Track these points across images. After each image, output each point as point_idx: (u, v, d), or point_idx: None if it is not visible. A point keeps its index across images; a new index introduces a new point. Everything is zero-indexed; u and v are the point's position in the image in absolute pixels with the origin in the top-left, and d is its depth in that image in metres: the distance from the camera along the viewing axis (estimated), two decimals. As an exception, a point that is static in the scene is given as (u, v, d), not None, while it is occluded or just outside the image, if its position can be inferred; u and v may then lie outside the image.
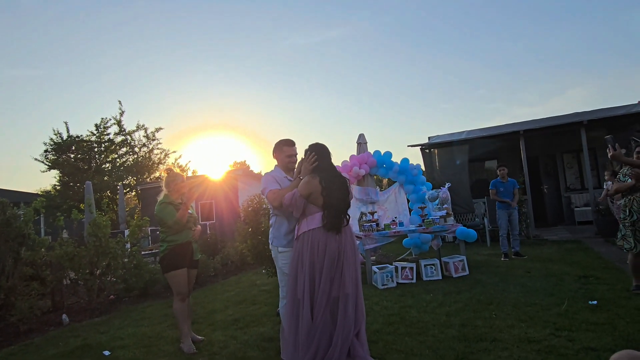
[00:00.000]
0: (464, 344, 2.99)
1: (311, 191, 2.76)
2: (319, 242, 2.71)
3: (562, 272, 5.11)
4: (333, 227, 2.72)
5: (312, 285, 2.67)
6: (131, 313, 5.13)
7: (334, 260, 2.69)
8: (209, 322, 4.30)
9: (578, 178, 11.01)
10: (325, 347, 2.62)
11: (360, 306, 2.81)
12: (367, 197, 7.55)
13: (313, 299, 2.65)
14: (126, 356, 3.42)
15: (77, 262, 5.38)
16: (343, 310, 2.66)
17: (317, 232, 2.73)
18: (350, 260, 2.77)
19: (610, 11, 34.71)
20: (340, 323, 2.64)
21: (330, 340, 2.63)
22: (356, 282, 2.80)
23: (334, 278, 2.68)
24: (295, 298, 2.72)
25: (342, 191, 2.83)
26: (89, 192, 8.18)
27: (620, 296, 3.87)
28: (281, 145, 3.16)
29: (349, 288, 2.70)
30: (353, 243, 2.86)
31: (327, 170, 2.84)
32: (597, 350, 2.67)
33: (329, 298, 2.65)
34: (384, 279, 5.26)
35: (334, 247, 2.71)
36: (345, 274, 2.70)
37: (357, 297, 2.78)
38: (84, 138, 18.16)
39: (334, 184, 2.78)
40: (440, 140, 11.06)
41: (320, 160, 2.85)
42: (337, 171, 2.95)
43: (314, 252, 2.70)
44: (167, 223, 3.51)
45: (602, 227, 8.09)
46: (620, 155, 3.21)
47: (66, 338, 4.17)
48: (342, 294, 2.67)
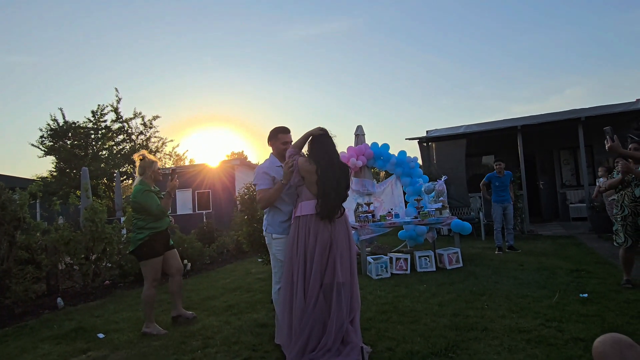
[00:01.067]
0: (455, 332, 3.02)
1: (307, 174, 2.78)
2: (311, 230, 2.72)
3: (555, 266, 5.16)
4: (326, 217, 2.73)
5: (305, 271, 2.69)
6: (126, 298, 5.15)
7: (325, 247, 2.70)
8: (204, 308, 4.32)
9: (574, 175, 11.07)
10: (318, 334, 2.64)
11: (355, 294, 2.82)
12: (364, 189, 7.57)
13: (306, 284, 2.67)
14: (120, 339, 3.44)
15: (73, 247, 5.39)
16: (337, 298, 2.69)
17: (310, 219, 2.74)
18: (343, 249, 2.77)
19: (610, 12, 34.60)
20: (334, 311, 2.66)
21: (324, 328, 2.65)
22: (351, 272, 2.81)
23: (326, 265, 2.70)
24: (288, 282, 2.74)
25: (339, 181, 2.80)
26: (86, 177, 8.15)
27: (611, 290, 3.92)
28: (276, 133, 3.14)
29: (342, 277, 2.71)
30: (347, 233, 2.86)
31: (325, 159, 2.80)
32: (586, 340, 2.70)
33: (321, 284, 2.67)
34: (378, 270, 5.29)
35: (326, 236, 2.72)
36: (338, 263, 2.71)
37: (352, 286, 2.80)
38: (80, 125, 18.04)
39: (329, 174, 2.76)
40: (438, 134, 11.08)
41: (320, 149, 2.83)
42: (336, 160, 2.88)
43: (307, 239, 2.72)
44: (152, 211, 3.52)
45: (596, 224, 8.16)
46: (619, 147, 3.19)
47: (61, 321, 4.18)
48: (336, 283, 2.69)
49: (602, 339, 1.25)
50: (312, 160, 2.81)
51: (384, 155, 7.54)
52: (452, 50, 46.21)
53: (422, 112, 52.06)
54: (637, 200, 3.89)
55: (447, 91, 50.47)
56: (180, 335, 3.41)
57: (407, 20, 45.52)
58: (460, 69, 46.75)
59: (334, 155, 2.88)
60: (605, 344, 1.22)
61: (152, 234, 3.54)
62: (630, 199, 3.93)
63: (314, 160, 2.80)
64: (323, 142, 2.88)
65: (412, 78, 49.61)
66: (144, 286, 3.57)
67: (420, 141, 10.77)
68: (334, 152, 2.89)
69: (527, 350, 2.62)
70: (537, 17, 41.45)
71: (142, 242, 3.51)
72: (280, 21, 47.36)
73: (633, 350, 1.16)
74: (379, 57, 49.23)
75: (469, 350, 2.69)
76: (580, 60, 41.91)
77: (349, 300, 2.76)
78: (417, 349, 2.74)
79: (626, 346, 1.18)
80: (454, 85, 47.95)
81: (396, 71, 49.06)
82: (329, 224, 2.74)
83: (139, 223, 3.57)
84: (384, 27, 44.83)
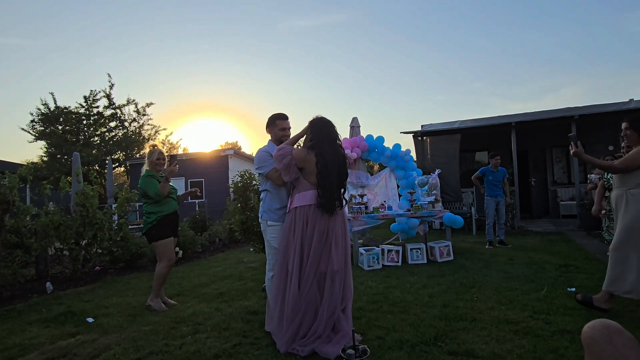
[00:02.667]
0: (445, 322, 3.05)
1: (305, 165, 2.75)
2: (309, 219, 2.71)
3: (544, 261, 5.22)
4: (326, 208, 2.70)
5: (301, 259, 2.69)
6: (116, 284, 5.13)
7: (323, 236, 2.70)
8: (194, 295, 4.32)
9: (565, 172, 11.18)
10: (310, 321, 2.65)
11: (348, 282, 2.84)
12: (358, 181, 7.58)
13: (301, 273, 2.67)
14: (110, 323, 3.42)
15: (63, 232, 5.33)
16: (330, 286, 2.69)
17: (309, 209, 2.72)
18: (339, 239, 2.78)
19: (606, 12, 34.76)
20: (326, 298, 2.67)
21: (315, 315, 2.66)
22: (345, 260, 2.82)
23: (322, 254, 2.70)
24: (283, 271, 2.74)
25: (339, 173, 2.78)
26: (77, 162, 8.05)
27: (598, 285, 3.94)
28: (274, 119, 3.14)
29: (336, 265, 2.72)
30: (344, 224, 2.87)
31: (325, 149, 2.74)
32: (572, 332, 2.75)
33: (316, 273, 2.68)
34: (370, 261, 5.32)
35: (324, 225, 2.71)
36: (333, 252, 2.71)
37: (345, 274, 2.81)
38: (72, 110, 17.79)
39: (330, 166, 2.72)
40: (433, 128, 11.10)
41: (320, 138, 2.77)
42: (337, 150, 2.81)
43: (304, 228, 2.71)
44: (150, 194, 3.77)
45: (585, 221, 8.27)
46: (582, 153, 3.34)
47: (49, 305, 4.16)
48: (330, 270, 2.70)
49: (591, 324, 1.26)
50: (313, 149, 2.76)
51: (378, 147, 7.54)
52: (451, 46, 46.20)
53: (418, 106, 52.16)
54: None
55: (444, 87, 50.56)
56: (170, 320, 3.40)
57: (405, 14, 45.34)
58: (459, 65, 46.81)
59: (337, 145, 2.82)
60: (595, 329, 1.23)
61: (161, 217, 3.80)
62: None
63: (316, 148, 2.74)
64: (326, 131, 2.81)
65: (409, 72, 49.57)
66: (160, 264, 3.85)
67: (415, 135, 10.78)
68: (337, 140, 2.83)
69: (514, 341, 2.66)
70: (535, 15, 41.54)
71: (151, 225, 3.78)
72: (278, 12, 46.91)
73: (622, 335, 1.17)
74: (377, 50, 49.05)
75: (458, 340, 2.72)
76: (577, 59, 42.19)
77: (342, 287, 2.76)
78: (406, 338, 2.76)
79: (615, 331, 1.19)
80: (452, 81, 48.04)
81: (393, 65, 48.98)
82: (327, 214, 2.72)
83: (148, 208, 3.83)
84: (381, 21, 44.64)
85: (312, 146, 2.77)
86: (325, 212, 2.71)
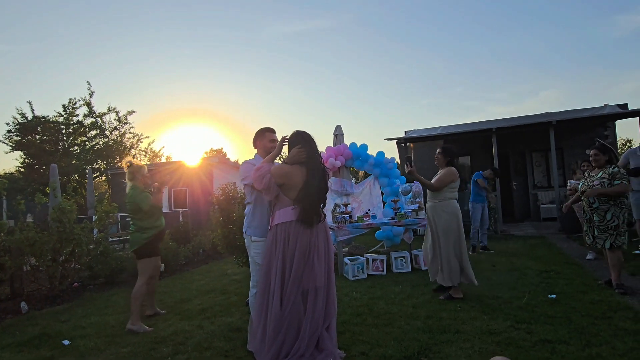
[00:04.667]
0: (428, 335, 3.05)
1: (286, 181, 2.73)
2: (290, 236, 2.68)
3: (525, 267, 5.30)
4: (307, 222, 2.69)
5: (283, 277, 2.65)
6: (95, 301, 4.98)
7: (305, 253, 2.67)
8: (177, 311, 4.22)
9: (545, 176, 11.42)
10: (292, 340, 2.61)
11: (331, 300, 2.80)
12: (342, 189, 7.57)
13: (283, 291, 2.64)
14: (87, 345, 3.31)
15: (39, 248, 5.15)
16: (313, 303, 2.66)
17: (290, 225, 2.70)
18: (322, 254, 2.75)
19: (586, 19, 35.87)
20: (309, 316, 2.63)
21: (298, 333, 2.62)
22: (328, 276, 2.79)
23: (304, 271, 2.67)
24: (266, 289, 2.69)
25: (322, 186, 2.81)
26: (54, 175, 7.86)
27: (578, 290, 4.05)
28: (264, 132, 3.14)
29: (320, 281, 2.69)
30: (327, 237, 2.84)
31: (313, 162, 2.78)
32: (553, 342, 2.78)
33: (298, 290, 2.64)
34: (354, 271, 5.31)
35: (305, 241, 2.68)
36: (317, 268, 2.69)
37: (329, 290, 2.78)
38: (50, 119, 17.37)
39: (316, 178, 2.76)
40: (416, 134, 11.21)
41: (311, 151, 2.80)
42: (320, 163, 2.86)
43: (286, 245, 2.68)
44: (143, 208, 3.69)
45: (565, 224, 8.43)
46: (415, 173, 4.04)
47: (23, 327, 4.00)
48: (312, 287, 2.67)
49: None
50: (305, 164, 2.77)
51: (362, 155, 7.57)
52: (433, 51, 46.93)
53: (402, 111, 52.71)
54: (591, 206, 4.07)
55: (428, 91, 51.26)
56: (150, 341, 3.31)
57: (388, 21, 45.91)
58: (441, 70, 47.57)
59: (321, 158, 2.88)
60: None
61: (156, 232, 3.83)
62: (587, 204, 4.12)
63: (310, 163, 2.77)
64: (314, 144, 2.84)
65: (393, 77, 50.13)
66: (139, 282, 3.73)
67: (399, 142, 10.87)
68: (318, 153, 2.87)
69: (497, 353, 2.66)
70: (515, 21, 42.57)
71: (147, 240, 3.74)
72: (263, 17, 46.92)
73: None
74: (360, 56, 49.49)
75: (441, 353, 2.72)
76: (555, 64, 43.38)
77: (325, 304, 2.73)
78: (390, 353, 2.75)
79: None
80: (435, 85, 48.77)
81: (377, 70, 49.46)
82: (309, 229, 2.71)
83: (143, 223, 3.76)
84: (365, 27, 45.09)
85: (307, 161, 2.77)
86: (306, 226, 2.69)
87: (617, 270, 3.98)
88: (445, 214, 4.02)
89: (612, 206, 3.94)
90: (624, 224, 3.93)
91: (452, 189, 4.13)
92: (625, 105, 10.07)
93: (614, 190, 3.89)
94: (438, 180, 4.09)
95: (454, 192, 4.15)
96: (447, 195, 4.09)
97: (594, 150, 4.14)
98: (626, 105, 10.07)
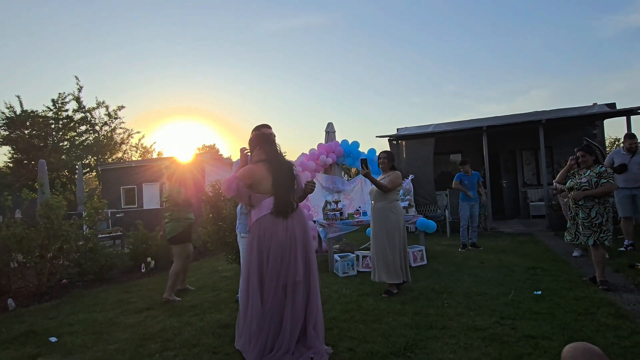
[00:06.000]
0: (415, 331, 3.09)
1: (253, 179, 2.75)
2: (266, 230, 2.69)
3: (513, 264, 5.37)
4: (281, 213, 2.71)
5: (261, 273, 2.66)
6: (84, 298, 4.96)
7: (283, 247, 2.67)
8: (165, 308, 4.22)
9: (535, 174, 11.54)
10: (275, 334, 2.63)
11: (313, 294, 2.79)
12: (334, 186, 7.60)
13: (263, 287, 2.65)
14: (74, 342, 3.30)
15: (26, 245, 5.11)
16: (292, 297, 2.66)
17: (265, 219, 2.72)
18: (299, 247, 2.74)
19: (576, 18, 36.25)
20: (288, 310, 2.64)
21: (280, 327, 2.64)
22: (309, 270, 2.79)
23: (281, 266, 2.66)
24: (246, 287, 2.70)
25: (289, 176, 2.85)
26: (43, 171, 7.77)
27: (563, 287, 4.12)
28: (261, 128, 3.08)
29: (300, 275, 2.69)
30: (304, 230, 2.83)
31: (272, 157, 2.83)
32: (536, 338, 2.83)
33: (277, 285, 2.64)
34: (344, 267, 5.33)
35: (282, 234, 2.69)
36: (292, 262, 2.69)
37: (310, 285, 2.78)
38: (39, 114, 17.13)
39: (281, 170, 2.79)
40: (407, 132, 11.25)
41: (265, 148, 2.86)
42: (282, 157, 2.95)
43: (262, 240, 2.69)
44: (178, 202, 4.52)
45: (553, 222, 8.55)
46: (370, 175, 4.21)
47: (10, 324, 3.97)
48: (291, 282, 2.67)
49: (574, 346, 1.28)
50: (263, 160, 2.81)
51: (353, 152, 7.59)
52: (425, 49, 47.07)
53: (394, 109, 52.81)
54: (577, 203, 4.16)
55: (419, 89, 51.42)
56: (138, 337, 3.31)
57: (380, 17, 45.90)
58: (433, 68, 47.72)
59: (278, 152, 2.95)
60: (577, 350, 1.25)
61: (189, 224, 4.62)
62: (572, 200, 4.20)
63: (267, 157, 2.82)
64: (268, 138, 2.91)
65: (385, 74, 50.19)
66: (175, 264, 4.51)
67: (390, 139, 10.90)
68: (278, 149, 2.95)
69: (481, 349, 2.71)
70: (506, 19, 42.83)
71: (182, 230, 4.51)
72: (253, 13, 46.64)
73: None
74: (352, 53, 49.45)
75: (427, 349, 2.75)
76: (546, 63, 43.77)
77: (306, 298, 2.73)
78: (377, 349, 2.78)
79: (596, 356, 1.21)
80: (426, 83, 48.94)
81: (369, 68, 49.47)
82: (284, 222, 2.72)
83: (179, 215, 4.56)
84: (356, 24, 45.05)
85: (267, 157, 2.82)
86: (280, 217, 2.71)
87: (601, 267, 4.05)
88: (394, 215, 4.23)
89: (597, 204, 4.01)
90: (607, 222, 4.00)
91: (398, 191, 4.41)
92: (614, 104, 10.20)
93: (601, 190, 3.97)
94: (390, 182, 4.25)
95: (399, 194, 4.46)
96: (395, 197, 4.32)
97: (580, 152, 4.20)
98: (614, 104, 10.20)
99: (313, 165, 7.17)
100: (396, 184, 4.29)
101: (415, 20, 44.81)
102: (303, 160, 7.14)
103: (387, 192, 4.26)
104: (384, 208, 4.26)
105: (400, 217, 4.27)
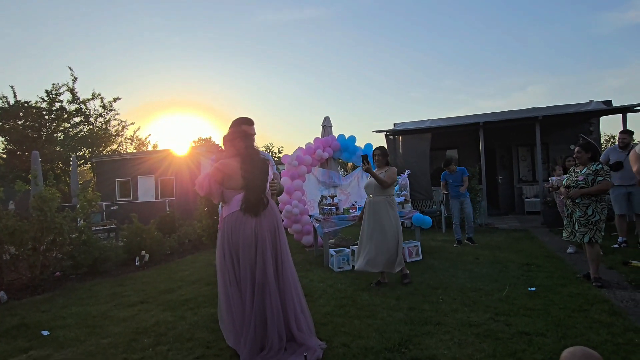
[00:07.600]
0: (410, 327, 3.09)
1: (224, 173, 2.70)
2: (233, 226, 2.65)
3: (508, 260, 5.39)
4: (250, 210, 2.65)
5: (234, 270, 2.63)
6: (77, 291, 4.92)
7: (250, 244, 2.62)
8: (159, 302, 4.19)
9: (530, 170, 11.57)
10: (262, 334, 2.62)
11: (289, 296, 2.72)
12: (330, 181, 7.57)
13: (239, 285, 2.62)
14: (67, 336, 3.27)
15: (19, 237, 5.05)
16: (268, 297, 2.62)
17: (233, 216, 2.67)
18: (268, 246, 2.67)
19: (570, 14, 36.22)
20: (268, 311, 2.61)
21: (265, 326, 2.62)
22: (282, 270, 2.72)
23: (254, 263, 2.62)
24: (225, 288, 2.68)
25: (261, 171, 2.76)
26: (36, 162, 7.68)
27: (557, 283, 4.14)
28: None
29: (271, 276, 2.63)
30: (275, 228, 2.76)
31: (243, 150, 2.75)
32: (530, 334, 2.84)
33: (253, 284, 2.61)
34: (340, 262, 5.33)
35: (249, 232, 2.63)
36: (267, 263, 2.63)
37: (284, 287, 2.71)
38: (33, 104, 16.91)
39: (252, 164, 2.71)
40: (404, 127, 11.22)
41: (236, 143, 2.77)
42: (256, 152, 2.82)
43: (231, 238, 2.65)
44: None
45: (548, 218, 8.59)
46: (371, 170, 4.36)
47: (2, 317, 3.93)
48: (260, 282, 2.61)
49: (572, 351, 1.27)
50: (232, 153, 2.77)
51: (350, 147, 7.55)
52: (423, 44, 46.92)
53: (391, 104, 52.70)
54: (573, 201, 4.16)
55: (417, 84, 51.32)
56: (131, 331, 3.29)
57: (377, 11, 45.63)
58: (430, 63, 47.62)
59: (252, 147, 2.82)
60: (575, 355, 1.24)
61: None
62: (569, 198, 4.21)
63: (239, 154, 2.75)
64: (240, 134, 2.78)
65: (383, 69, 50.01)
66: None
67: (387, 134, 10.87)
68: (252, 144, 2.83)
69: (475, 345, 2.72)
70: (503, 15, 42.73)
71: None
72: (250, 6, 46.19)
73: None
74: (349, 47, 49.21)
75: (421, 345, 2.75)
76: (542, 59, 43.78)
77: (277, 300, 2.65)
78: (371, 345, 2.78)
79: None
80: (424, 78, 48.83)
81: (366, 62, 49.27)
82: (253, 220, 2.66)
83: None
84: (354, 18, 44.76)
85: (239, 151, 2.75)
86: (250, 215, 2.65)
87: (595, 264, 4.07)
88: (392, 209, 4.40)
89: (593, 202, 4.01)
90: (601, 220, 4.01)
91: (394, 186, 4.60)
92: (610, 102, 10.21)
93: (597, 188, 3.95)
94: (389, 177, 4.37)
95: (394, 189, 4.68)
96: (391, 192, 4.48)
97: (577, 148, 4.20)
98: (610, 102, 10.21)
99: (309, 160, 7.13)
100: (394, 179, 4.45)
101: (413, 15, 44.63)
102: (299, 154, 7.10)
103: (387, 187, 4.39)
104: (383, 202, 4.39)
105: (396, 211, 4.47)
